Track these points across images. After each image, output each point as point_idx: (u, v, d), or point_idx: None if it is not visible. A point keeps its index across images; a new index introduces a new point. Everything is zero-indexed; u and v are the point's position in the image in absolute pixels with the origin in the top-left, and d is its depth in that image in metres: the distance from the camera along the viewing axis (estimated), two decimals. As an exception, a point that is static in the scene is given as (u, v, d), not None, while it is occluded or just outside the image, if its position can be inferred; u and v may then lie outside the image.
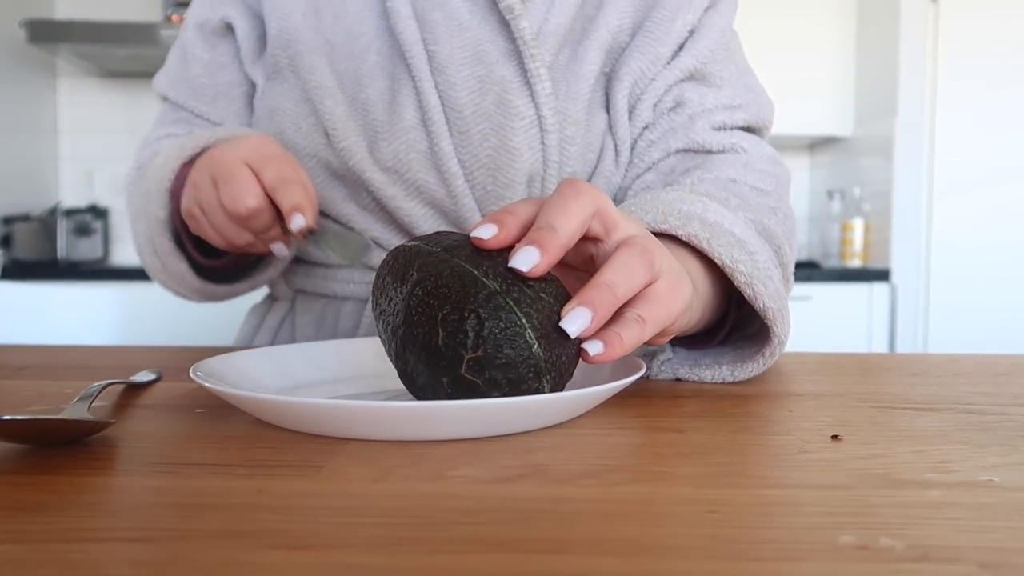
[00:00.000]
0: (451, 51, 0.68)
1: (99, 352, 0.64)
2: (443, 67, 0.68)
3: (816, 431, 0.38)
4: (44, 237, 2.49)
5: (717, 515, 0.26)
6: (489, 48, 0.68)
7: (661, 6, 0.70)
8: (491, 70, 0.68)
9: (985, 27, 2.40)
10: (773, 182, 0.67)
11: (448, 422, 0.35)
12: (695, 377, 0.52)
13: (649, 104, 0.70)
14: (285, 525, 0.25)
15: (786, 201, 0.68)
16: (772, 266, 0.53)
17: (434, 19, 0.68)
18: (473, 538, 0.24)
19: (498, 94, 0.68)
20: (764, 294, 0.48)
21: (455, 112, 0.68)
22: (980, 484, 0.30)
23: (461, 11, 0.69)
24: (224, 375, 0.42)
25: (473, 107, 0.68)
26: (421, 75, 0.67)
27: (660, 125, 0.71)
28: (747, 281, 0.48)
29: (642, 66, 0.70)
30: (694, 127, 0.69)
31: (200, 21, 0.77)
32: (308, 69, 0.70)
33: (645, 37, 0.70)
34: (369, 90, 0.69)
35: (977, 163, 2.43)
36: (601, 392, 0.38)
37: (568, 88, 0.69)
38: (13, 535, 0.24)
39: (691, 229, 0.50)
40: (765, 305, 0.48)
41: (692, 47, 0.70)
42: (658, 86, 0.70)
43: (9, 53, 2.42)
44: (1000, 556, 0.23)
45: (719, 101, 0.70)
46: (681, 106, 0.70)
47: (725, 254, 0.48)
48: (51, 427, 0.33)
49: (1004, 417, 0.41)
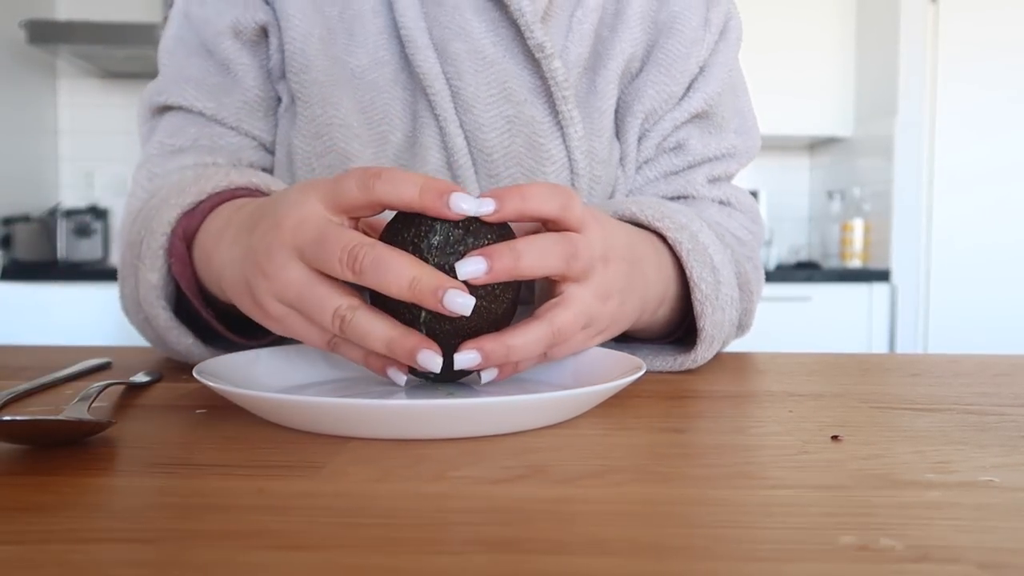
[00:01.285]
0: (476, 88, 0.63)
1: (99, 352, 0.64)
2: (469, 105, 0.63)
3: (816, 431, 0.38)
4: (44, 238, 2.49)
5: (717, 515, 0.26)
6: (516, 85, 0.64)
7: (674, 35, 0.68)
8: (520, 109, 0.63)
9: (985, 27, 2.40)
10: (751, 236, 0.72)
11: (448, 421, 0.35)
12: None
13: (654, 143, 0.69)
14: (285, 525, 0.25)
15: (758, 253, 0.72)
16: (730, 305, 0.57)
17: (455, 51, 0.63)
18: (473, 538, 0.24)
19: (528, 136, 0.64)
20: (710, 318, 0.54)
21: (483, 155, 0.64)
22: (980, 484, 0.30)
23: (484, 43, 0.63)
24: (226, 375, 0.42)
25: (503, 149, 0.64)
26: (446, 114, 0.63)
27: (659, 164, 0.70)
28: (702, 300, 0.54)
29: (655, 104, 0.68)
30: (692, 178, 0.70)
31: (232, 23, 0.66)
32: (328, 103, 0.63)
33: (659, 72, 0.68)
34: (390, 129, 0.64)
35: (977, 163, 2.44)
36: (601, 392, 0.38)
37: (591, 124, 0.66)
38: (13, 536, 0.24)
39: (679, 236, 0.54)
40: (703, 326, 0.54)
41: (702, 87, 0.69)
42: (665, 126, 0.69)
43: (9, 54, 2.42)
44: (1000, 556, 0.23)
45: (719, 149, 0.70)
46: (683, 150, 0.69)
47: (696, 270, 0.54)
48: (51, 428, 0.33)
49: (1004, 417, 0.41)
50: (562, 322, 0.42)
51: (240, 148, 0.67)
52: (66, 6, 2.65)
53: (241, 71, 0.66)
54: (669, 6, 0.69)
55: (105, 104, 2.71)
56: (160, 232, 0.53)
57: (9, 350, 0.67)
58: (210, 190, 0.54)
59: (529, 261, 0.39)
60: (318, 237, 0.39)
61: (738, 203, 0.72)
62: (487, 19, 0.64)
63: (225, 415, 0.41)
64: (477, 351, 0.40)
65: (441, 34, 0.63)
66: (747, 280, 0.62)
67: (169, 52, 0.69)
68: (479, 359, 0.40)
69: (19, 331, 2.15)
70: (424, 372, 0.42)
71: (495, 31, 0.64)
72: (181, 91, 0.67)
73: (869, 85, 2.58)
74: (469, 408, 0.34)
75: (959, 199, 2.44)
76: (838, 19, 2.65)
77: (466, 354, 0.40)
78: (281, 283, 0.40)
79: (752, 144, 0.73)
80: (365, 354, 0.42)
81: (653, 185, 0.70)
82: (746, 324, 0.64)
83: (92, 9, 2.61)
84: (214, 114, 0.66)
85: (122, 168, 2.69)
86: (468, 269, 0.38)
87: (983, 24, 2.40)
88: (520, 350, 0.41)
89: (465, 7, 0.64)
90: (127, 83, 2.70)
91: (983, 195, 2.44)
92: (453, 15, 0.64)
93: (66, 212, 2.56)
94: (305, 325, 0.42)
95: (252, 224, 0.43)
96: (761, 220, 0.75)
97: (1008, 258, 2.43)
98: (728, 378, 0.53)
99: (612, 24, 0.69)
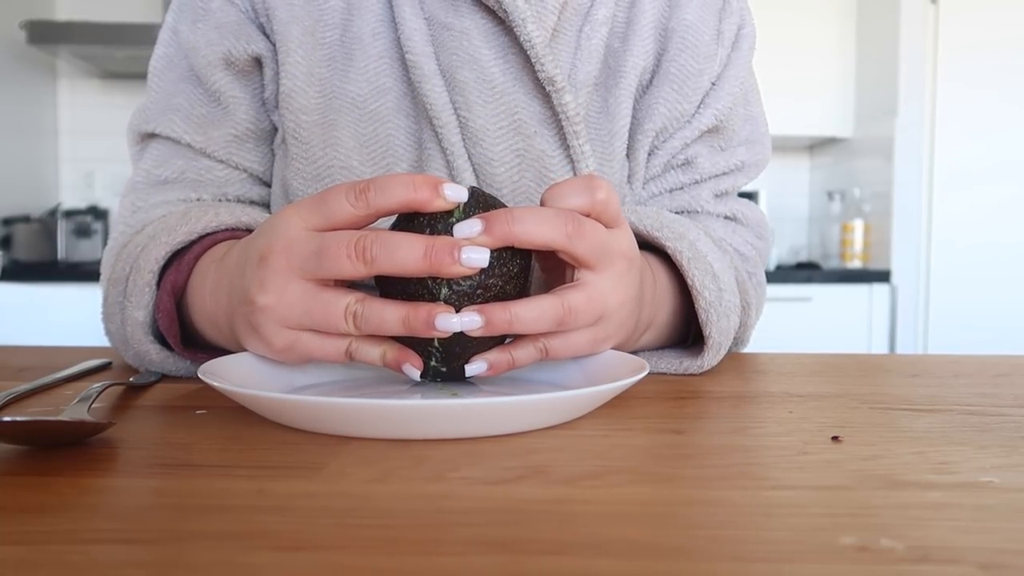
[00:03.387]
0: (486, 120, 0.60)
1: (99, 353, 0.64)
2: (478, 139, 0.60)
3: (816, 432, 0.38)
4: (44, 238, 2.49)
5: (717, 516, 0.26)
6: (526, 117, 0.61)
7: (686, 48, 0.66)
8: (530, 143, 0.61)
9: (985, 27, 2.40)
10: (754, 252, 0.71)
11: (448, 421, 0.35)
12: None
13: (663, 160, 0.68)
14: (285, 526, 0.25)
15: (761, 270, 0.71)
16: (733, 311, 0.57)
17: (464, 79, 0.60)
18: (473, 539, 0.24)
19: (538, 170, 0.61)
20: (715, 324, 0.54)
21: (492, 189, 0.61)
22: (980, 485, 0.30)
23: (494, 71, 0.60)
24: (229, 375, 0.42)
25: (512, 184, 0.61)
26: (453, 148, 0.60)
27: (666, 180, 0.69)
28: (706, 307, 0.54)
29: (666, 122, 0.66)
30: (699, 194, 0.68)
31: (224, 55, 0.63)
32: (327, 144, 0.61)
33: (670, 89, 0.65)
34: (403, 164, 0.61)
35: (977, 163, 2.44)
36: (601, 393, 0.38)
37: (603, 150, 0.64)
38: (13, 536, 0.24)
39: (679, 246, 0.55)
40: (710, 333, 0.54)
41: (714, 102, 0.67)
42: (675, 144, 0.67)
43: (9, 54, 2.42)
44: (1000, 557, 0.23)
45: (728, 163, 0.69)
46: (691, 166, 0.68)
47: (698, 278, 0.54)
48: (51, 428, 0.33)
49: (1004, 418, 0.41)
50: (574, 302, 0.41)
51: (228, 182, 0.65)
52: (66, 6, 2.65)
53: (232, 104, 0.64)
54: (680, 13, 0.67)
55: (105, 104, 2.71)
56: (147, 270, 0.53)
57: (9, 350, 0.67)
58: (200, 231, 0.54)
59: (525, 227, 0.39)
60: (316, 249, 0.39)
61: (744, 217, 0.71)
62: (496, 45, 0.61)
63: (225, 416, 0.41)
64: (479, 315, 0.39)
65: (449, 61, 0.60)
66: (746, 291, 0.61)
67: (158, 74, 0.67)
68: (480, 323, 0.39)
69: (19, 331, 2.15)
70: (436, 369, 0.43)
71: (504, 58, 0.61)
72: (169, 121, 0.64)
73: (869, 85, 2.59)
74: (469, 408, 0.34)
75: (959, 199, 2.44)
76: (838, 19, 2.65)
77: (468, 316, 0.39)
78: (284, 307, 0.40)
79: (761, 156, 0.72)
80: (382, 351, 0.42)
81: (657, 200, 0.69)
82: (742, 339, 0.64)
83: (92, 9, 2.62)
84: (202, 147, 0.64)
85: (122, 168, 2.69)
86: (465, 230, 0.39)
87: (983, 24, 2.40)
88: (525, 321, 0.40)
89: (474, 33, 0.60)
90: (127, 83, 2.70)
91: (983, 195, 2.44)
92: (461, 41, 0.60)
93: (66, 212, 2.56)
94: (319, 341, 0.41)
95: (239, 269, 0.43)
96: (768, 234, 0.73)
97: (1008, 258, 2.43)
98: (728, 379, 0.53)
99: (624, 34, 0.66)
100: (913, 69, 2.42)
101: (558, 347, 0.43)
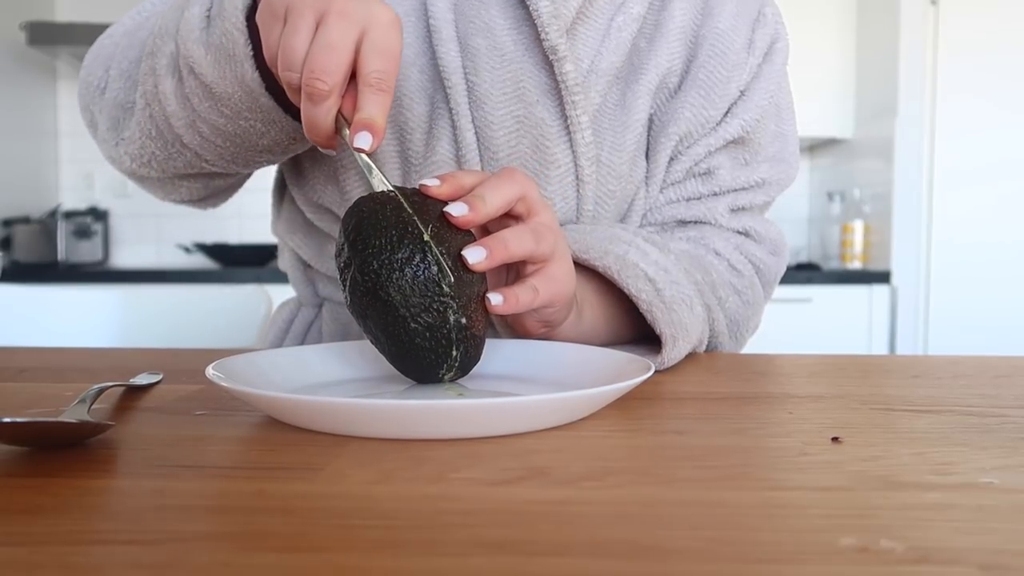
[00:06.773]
0: (491, 84, 0.63)
1: (99, 354, 0.64)
2: (482, 101, 0.63)
3: (816, 433, 0.38)
4: (44, 239, 2.49)
5: (718, 517, 0.26)
6: (530, 85, 0.64)
7: (716, 55, 0.66)
8: (530, 110, 0.64)
9: (985, 28, 2.40)
10: (752, 269, 0.70)
11: (448, 422, 0.35)
12: None
13: (685, 166, 0.68)
14: (285, 527, 0.25)
15: (759, 291, 0.70)
16: (684, 302, 0.58)
17: (476, 46, 0.63)
18: (474, 540, 0.24)
19: (535, 138, 0.64)
20: (662, 318, 0.56)
21: (490, 152, 0.64)
22: (980, 486, 0.30)
23: (505, 40, 0.64)
24: (231, 375, 0.42)
25: (509, 148, 0.64)
26: (459, 108, 0.63)
27: (684, 188, 0.69)
28: (647, 308, 0.56)
29: (691, 127, 0.67)
30: (714, 206, 0.68)
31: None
32: None
33: (697, 94, 0.67)
34: (408, 113, 0.64)
35: (977, 163, 2.44)
36: (602, 394, 0.38)
37: (614, 139, 0.66)
38: (13, 537, 0.24)
39: (606, 262, 0.57)
40: (660, 329, 0.56)
41: (741, 112, 0.68)
42: (698, 150, 0.68)
43: (9, 55, 2.42)
44: (1000, 558, 0.23)
45: (750, 179, 0.69)
46: (711, 177, 0.68)
47: (631, 283, 0.56)
48: (51, 429, 0.33)
49: (1004, 419, 0.41)
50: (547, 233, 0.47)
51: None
52: (66, 8, 2.65)
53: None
54: (713, 22, 0.67)
55: (105, 106, 2.70)
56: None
57: (9, 352, 0.67)
58: None
59: (514, 247, 0.45)
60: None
61: (757, 234, 0.71)
62: (511, 16, 0.64)
63: (225, 417, 0.41)
64: (479, 245, 0.44)
65: (466, 28, 0.64)
66: (717, 296, 0.62)
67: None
68: (484, 251, 0.44)
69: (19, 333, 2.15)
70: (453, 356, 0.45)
71: (517, 28, 0.64)
72: None
73: (869, 86, 2.59)
74: (470, 409, 0.34)
75: (959, 200, 2.44)
76: (838, 20, 2.65)
77: (473, 251, 0.44)
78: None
79: (785, 175, 0.72)
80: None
81: (673, 207, 0.70)
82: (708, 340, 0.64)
83: (92, 10, 2.62)
84: None
85: (122, 170, 2.69)
86: (475, 257, 0.44)
87: (983, 25, 2.40)
88: (510, 241, 0.45)
89: (492, 3, 0.64)
90: (127, 85, 2.70)
91: (983, 196, 2.44)
92: (479, 10, 0.64)
93: (66, 214, 2.56)
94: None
95: None
96: (784, 251, 0.74)
97: (1008, 259, 2.43)
98: (728, 380, 0.53)
99: (651, 36, 0.67)
100: (913, 70, 2.42)
101: (545, 285, 0.47)
